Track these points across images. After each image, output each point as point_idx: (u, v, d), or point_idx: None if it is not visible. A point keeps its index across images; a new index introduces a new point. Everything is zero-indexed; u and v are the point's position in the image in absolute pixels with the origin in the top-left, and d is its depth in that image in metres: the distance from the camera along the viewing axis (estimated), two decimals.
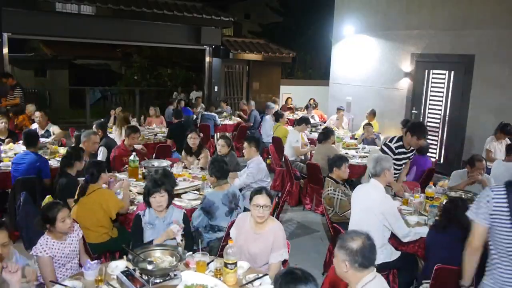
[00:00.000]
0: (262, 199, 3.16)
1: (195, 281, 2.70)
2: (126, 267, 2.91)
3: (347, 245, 2.38)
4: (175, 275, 2.79)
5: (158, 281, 2.73)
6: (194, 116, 10.55)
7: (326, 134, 6.62)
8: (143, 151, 6.41)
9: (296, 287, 2.10)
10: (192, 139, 5.82)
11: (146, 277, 2.73)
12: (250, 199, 3.24)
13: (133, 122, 7.91)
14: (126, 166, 5.31)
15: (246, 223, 3.32)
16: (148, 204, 3.46)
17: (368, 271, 2.38)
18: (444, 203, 4.29)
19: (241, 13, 20.82)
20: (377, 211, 3.65)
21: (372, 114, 8.98)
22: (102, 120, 7.72)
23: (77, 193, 3.99)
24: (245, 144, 5.26)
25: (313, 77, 17.74)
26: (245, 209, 4.18)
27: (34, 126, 7.07)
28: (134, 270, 2.80)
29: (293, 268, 2.24)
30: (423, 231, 3.76)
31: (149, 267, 2.73)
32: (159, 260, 2.91)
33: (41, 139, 6.16)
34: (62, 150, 6.14)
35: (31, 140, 5.13)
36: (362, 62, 10.23)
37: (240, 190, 4.76)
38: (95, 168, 4.04)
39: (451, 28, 8.30)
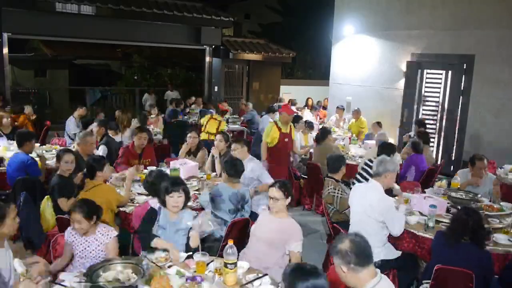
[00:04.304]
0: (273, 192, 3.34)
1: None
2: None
3: (337, 248, 2.34)
4: None
5: None
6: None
7: (323, 134, 6.59)
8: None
9: (308, 281, 2.08)
10: (192, 138, 5.79)
11: None
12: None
13: (134, 122, 7.85)
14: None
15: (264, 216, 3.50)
16: (163, 203, 3.39)
17: (368, 271, 2.30)
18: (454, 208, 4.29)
19: (241, 13, 20.73)
20: (375, 211, 3.65)
21: (357, 112, 9.24)
22: (104, 117, 7.62)
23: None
24: (237, 145, 4.97)
25: (313, 77, 17.70)
26: (253, 213, 4.22)
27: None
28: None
29: (301, 264, 2.25)
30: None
31: (107, 284, 2.60)
32: (120, 275, 2.76)
33: None
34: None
35: (20, 140, 5.12)
36: (362, 62, 10.22)
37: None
38: (93, 163, 4.13)
39: (451, 28, 8.29)
